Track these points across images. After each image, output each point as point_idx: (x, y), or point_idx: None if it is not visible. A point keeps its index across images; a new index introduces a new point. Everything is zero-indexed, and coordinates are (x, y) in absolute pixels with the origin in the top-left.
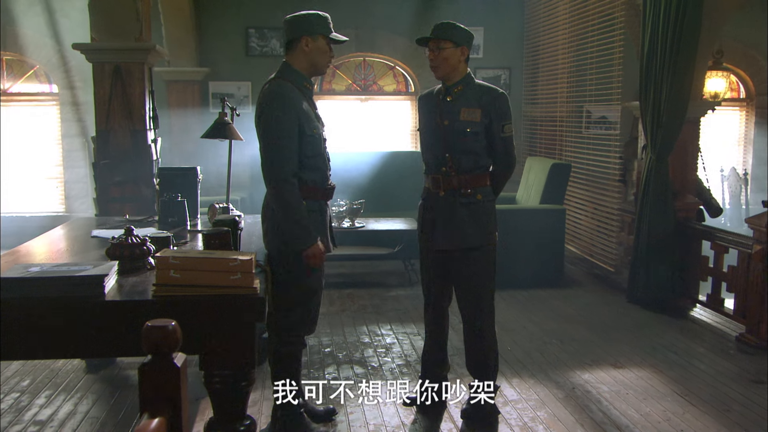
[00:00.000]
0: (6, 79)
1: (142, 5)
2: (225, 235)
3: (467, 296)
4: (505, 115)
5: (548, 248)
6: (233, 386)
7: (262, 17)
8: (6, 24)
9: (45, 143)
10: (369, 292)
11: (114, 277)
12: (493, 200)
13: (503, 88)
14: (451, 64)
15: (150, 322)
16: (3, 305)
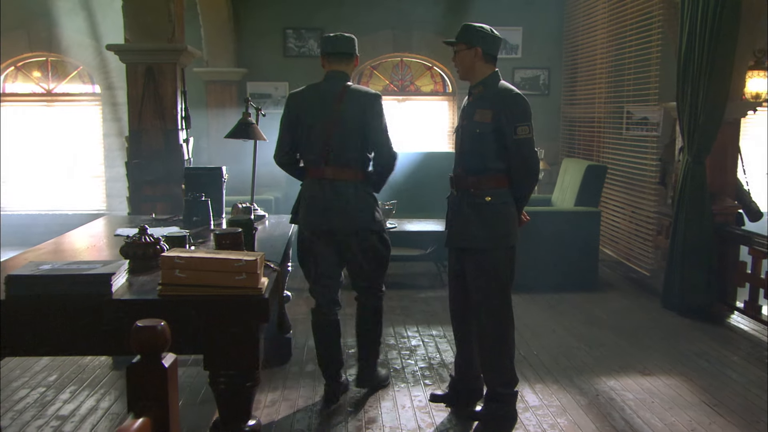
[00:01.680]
0: (51, 79)
1: (174, 6)
2: (236, 236)
3: (475, 296)
4: (518, 117)
5: (582, 251)
6: (238, 387)
7: (299, 18)
8: (51, 26)
9: (88, 142)
10: (399, 293)
11: (124, 275)
12: (507, 203)
13: (542, 89)
14: (466, 65)
15: (139, 322)
16: (11, 302)
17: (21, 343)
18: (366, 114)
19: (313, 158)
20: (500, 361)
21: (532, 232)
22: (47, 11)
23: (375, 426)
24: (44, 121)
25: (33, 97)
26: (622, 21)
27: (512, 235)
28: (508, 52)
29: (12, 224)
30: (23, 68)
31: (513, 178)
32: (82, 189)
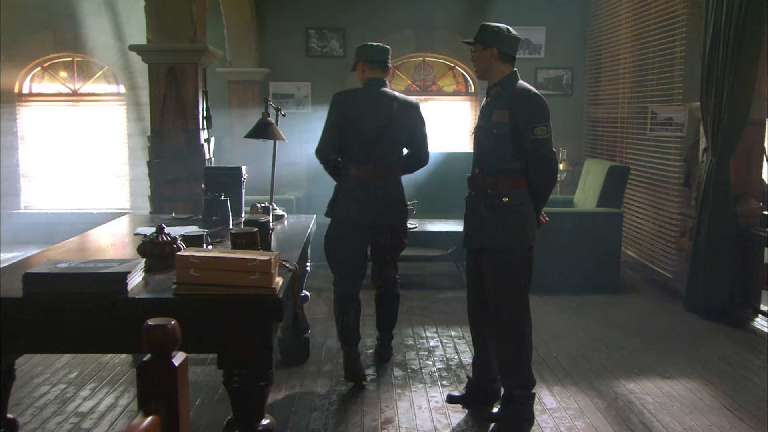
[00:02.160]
0: (76, 80)
1: (196, 7)
2: (252, 235)
3: (492, 297)
4: (535, 117)
5: (604, 253)
6: (251, 386)
7: (322, 18)
8: (76, 27)
9: (113, 142)
10: (419, 293)
11: (140, 274)
12: (525, 204)
13: (565, 89)
14: (482, 65)
15: (150, 321)
16: (29, 299)
17: (38, 341)
18: (414, 120)
19: (359, 157)
20: (517, 363)
21: (553, 234)
22: (73, 12)
23: (391, 426)
24: (70, 120)
25: (59, 97)
26: (646, 20)
27: (530, 236)
28: (530, 52)
29: (37, 222)
30: (49, 69)
31: (531, 178)
32: (106, 188)
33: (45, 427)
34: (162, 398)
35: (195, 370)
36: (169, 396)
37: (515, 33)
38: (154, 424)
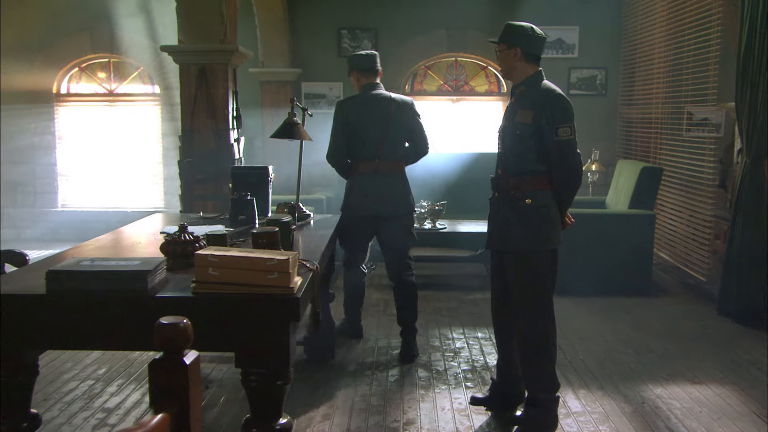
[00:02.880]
0: (113, 80)
1: (226, 8)
2: (273, 235)
3: (515, 300)
4: (559, 118)
5: (636, 255)
6: (269, 385)
7: (354, 18)
8: (112, 28)
9: (148, 141)
10: (447, 294)
11: (162, 272)
12: (548, 206)
13: (599, 89)
14: (507, 65)
15: (163, 319)
16: (52, 296)
17: (61, 337)
18: (410, 116)
19: (366, 155)
20: (541, 366)
21: (584, 235)
22: (109, 14)
23: (413, 427)
24: (106, 120)
25: (95, 97)
26: (681, 19)
27: (554, 238)
28: (564, 51)
29: (73, 220)
30: (86, 69)
31: (555, 180)
32: (141, 187)
33: (72, 422)
34: (173, 396)
35: (221, 368)
36: (180, 394)
37: (541, 32)
38: (164, 422)
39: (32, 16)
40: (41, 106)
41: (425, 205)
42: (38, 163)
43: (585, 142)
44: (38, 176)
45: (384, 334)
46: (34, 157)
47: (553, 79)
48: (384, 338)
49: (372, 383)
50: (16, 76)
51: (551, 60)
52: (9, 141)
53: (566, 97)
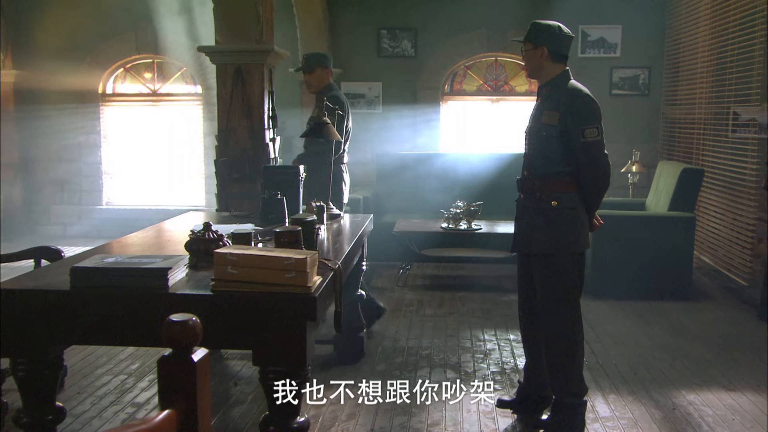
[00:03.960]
0: (157, 80)
1: (263, 8)
2: (295, 234)
3: (541, 303)
4: (585, 119)
5: (675, 258)
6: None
7: (393, 18)
8: (156, 29)
9: (191, 140)
10: (482, 295)
11: (183, 270)
12: (575, 208)
13: (641, 89)
14: (532, 65)
15: (172, 317)
16: (75, 293)
17: (84, 333)
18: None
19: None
20: (568, 370)
21: (622, 238)
22: (153, 15)
23: (437, 428)
24: (150, 120)
25: (139, 97)
26: (725, 18)
27: (580, 241)
28: (606, 51)
29: (117, 218)
30: (131, 70)
31: (582, 182)
32: (183, 185)
33: (102, 416)
34: (181, 393)
35: (250, 365)
36: (188, 391)
37: (567, 31)
38: (170, 418)
39: (81, 19)
40: (88, 106)
41: (461, 206)
42: (84, 161)
43: (626, 143)
44: (84, 174)
45: (415, 335)
46: (80, 156)
47: (594, 78)
48: (415, 339)
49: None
50: (64, 77)
51: (593, 59)
52: (57, 140)
53: (593, 97)
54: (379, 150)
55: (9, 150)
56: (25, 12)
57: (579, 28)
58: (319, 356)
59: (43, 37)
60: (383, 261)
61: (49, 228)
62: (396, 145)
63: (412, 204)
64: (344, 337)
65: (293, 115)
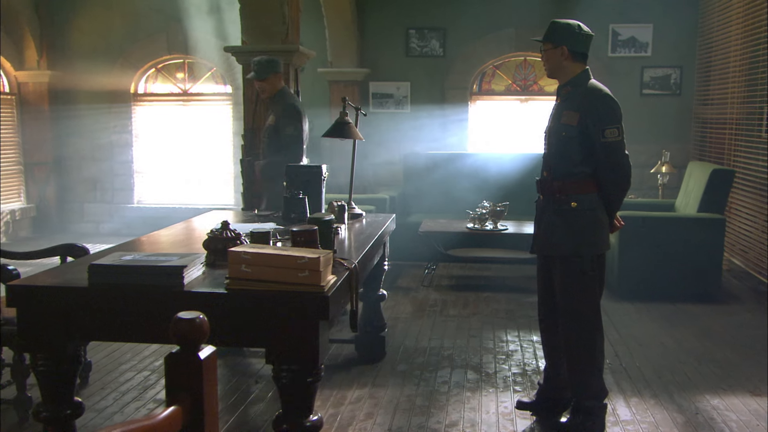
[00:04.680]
0: (187, 80)
1: (288, 9)
2: (311, 233)
3: (561, 305)
4: (605, 119)
5: (704, 260)
6: (299, 381)
7: (422, 18)
8: (187, 30)
9: (221, 140)
10: (507, 296)
11: (200, 268)
12: (594, 209)
13: (673, 89)
14: (552, 64)
15: (180, 314)
16: (93, 289)
17: (102, 329)
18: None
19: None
20: (587, 372)
21: (650, 239)
22: (184, 16)
23: (455, 429)
24: (180, 119)
25: (170, 97)
26: (758, 16)
27: (600, 242)
28: (637, 50)
29: (148, 216)
30: (162, 70)
31: (602, 183)
32: (214, 184)
33: (123, 411)
34: (187, 390)
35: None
36: (194, 388)
37: (587, 30)
38: (175, 414)
39: (114, 21)
40: (120, 106)
41: (486, 206)
42: (116, 160)
43: (656, 144)
44: (116, 173)
45: (438, 335)
46: (112, 155)
47: (625, 78)
48: (437, 339)
49: (419, 383)
50: (98, 77)
51: (623, 59)
52: (90, 139)
53: (613, 97)
54: (407, 150)
55: (43, 149)
56: (60, 14)
57: (609, 27)
58: (339, 355)
59: (78, 39)
60: (409, 261)
61: (81, 226)
62: (424, 145)
63: (439, 204)
64: (365, 336)
65: (321, 114)
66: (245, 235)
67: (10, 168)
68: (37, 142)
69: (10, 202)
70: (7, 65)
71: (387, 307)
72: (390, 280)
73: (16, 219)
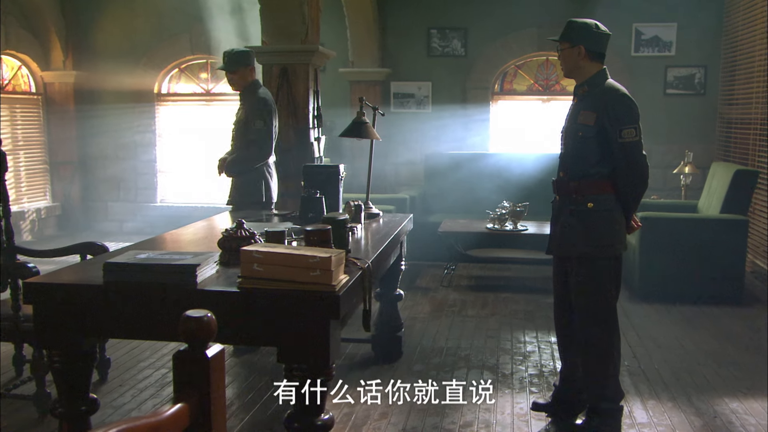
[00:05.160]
0: (210, 80)
1: (309, 9)
2: (324, 233)
3: (577, 306)
4: (622, 119)
5: (727, 262)
6: (310, 380)
7: (443, 18)
8: (209, 30)
9: None
10: (526, 297)
11: (214, 267)
12: (611, 210)
13: (697, 88)
14: (569, 64)
15: (188, 312)
16: (108, 287)
17: (117, 326)
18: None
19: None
20: (603, 375)
21: (671, 240)
22: (207, 16)
23: (469, 430)
24: (203, 119)
25: (193, 97)
26: None
27: (616, 244)
28: (660, 49)
29: (171, 215)
30: (186, 70)
31: (619, 183)
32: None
33: (141, 408)
34: (195, 388)
35: None
36: (201, 386)
37: (605, 29)
38: (181, 412)
39: (138, 21)
40: (143, 106)
41: (506, 206)
42: (139, 159)
43: (679, 144)
44: (139, 172)
45: (455, 336)
46: (135, 154)
47: (648, 78)
48: (455, 339)
49: (435, 384)
50: (122, 77)
51: (647, 58)
52: (114, 138)
53: (631, 96)
54: (429, 150)
55: (68, 148)
56: (86, 15)
57: (632, 26)
58: (356, 355)
59: (102, 39)
60: (429, 261)
61: (105, 224)
62: (445, 145)
63: (461, 204)
64: (382, 336)
65: (342, 114)
66: (259, 234)
67: (36, 167)
68: (62, 142)
69: (35, 201)
70: (34, 66)
71: (405, 306)
72: (409, 279)
73: (41, 217)
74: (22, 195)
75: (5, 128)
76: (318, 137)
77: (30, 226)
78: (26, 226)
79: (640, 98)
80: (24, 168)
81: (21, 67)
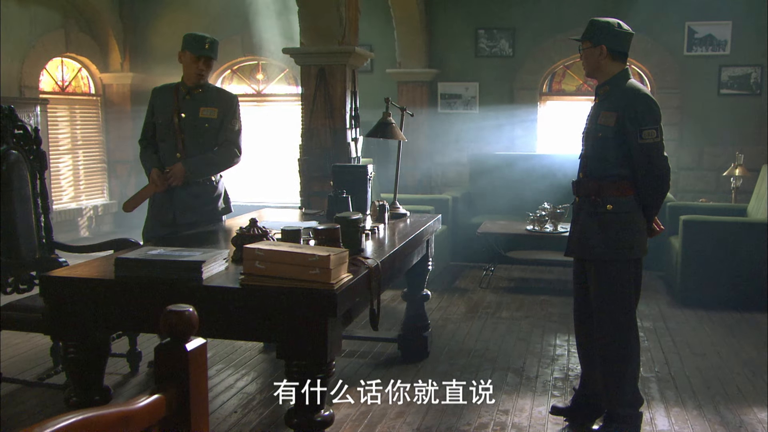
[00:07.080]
0: (261, 81)
1: (346, 10)
2: (333, 232)
3: (596, 310)
4: (644, 120)
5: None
6: (309, 377)
7: (491, 18)
8: (260, 32)
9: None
10: (563, 300)
11: (222, 263)
12: (631, 212)
13: (753, 88)
14: (591, 64)
15: (170, 306)
16: (119, 282)
17: (128, 320)
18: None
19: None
20: (621, 380)
21: (717, 245)
22: (257, 18)
23: (483, 431)
24: (255, 119)
25: (245, 98)
26: None
27: (636, 246)
28: (714, 48)
29: None
30: (238, 71)
31: (639, 185)
32: (283, 182)
33: None
34: (174, 380)
35: None
36: (180, 378)
37: (627, 28)
38: (157, 403)
39: (192, 24)
40: None
41: (547, 208)
42: None
43: (732, 145)
44: None
45: (485, 338)
46: None
47: (702, 78)
48: (484, 341)
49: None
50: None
51: (700, 57)
52: None
53: (652, 97)
54: (476, 150)
55: (125, 148)
56: (142, 19)
57: (685, 24)
58: (382, 354)
59: (158, 42)
60: (470, 262)
61: None
62: (492, 145)
63: (506, 205)
64: (408, 336)
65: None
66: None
67: (94, 166)
68: (119, 141)
69: (93, 198)
70: (93, 68)
71: (440, 307)
72: (448, 281)
73: (98, 214)
74: (80, 192)
75: (66, 128)
76: (355, 138)
77: (87, 223)
78: (84, 223)
79: (693, 99)
80: (83, 167)
81: (81, 69)
